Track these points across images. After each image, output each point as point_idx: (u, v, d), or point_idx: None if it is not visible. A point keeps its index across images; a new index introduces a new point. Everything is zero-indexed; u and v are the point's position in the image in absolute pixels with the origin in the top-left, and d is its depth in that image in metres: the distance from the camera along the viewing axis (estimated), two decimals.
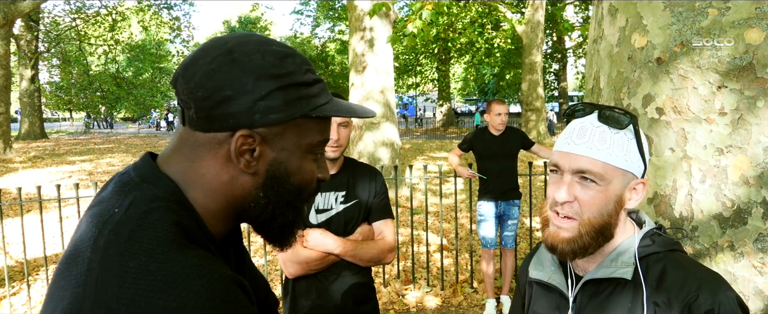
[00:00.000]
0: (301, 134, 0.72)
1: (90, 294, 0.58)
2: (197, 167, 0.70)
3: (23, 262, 4.70)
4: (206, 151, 0.70)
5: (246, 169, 0.70)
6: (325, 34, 35.12)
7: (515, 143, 4.12)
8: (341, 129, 1.82)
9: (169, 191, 0.68)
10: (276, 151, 0.71)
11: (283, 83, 0.69)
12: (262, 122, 0.69)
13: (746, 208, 1.40)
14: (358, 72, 8.66)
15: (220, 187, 0.71)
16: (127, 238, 0.61)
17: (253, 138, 0.69)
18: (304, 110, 0.71)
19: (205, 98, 0.67)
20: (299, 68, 0.72)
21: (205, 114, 0.68)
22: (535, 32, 16.66)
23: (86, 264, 0.61)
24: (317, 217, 1.84)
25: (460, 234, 6.38)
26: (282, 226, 0.77)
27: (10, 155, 15.36)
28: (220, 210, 0.72)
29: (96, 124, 38.83)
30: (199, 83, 0.67)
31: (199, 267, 0.60)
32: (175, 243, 0.62)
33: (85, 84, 22.32)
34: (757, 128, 1.38)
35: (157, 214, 0.64)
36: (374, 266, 1.99)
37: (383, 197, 1.96)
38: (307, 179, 0.76)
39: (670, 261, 0.95)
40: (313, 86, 0.73)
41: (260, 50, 0.70)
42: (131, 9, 24.85)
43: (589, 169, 0.92)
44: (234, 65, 0.68)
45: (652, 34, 1.56)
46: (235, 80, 0.67)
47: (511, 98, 33.69)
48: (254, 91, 0.68)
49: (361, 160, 8.48)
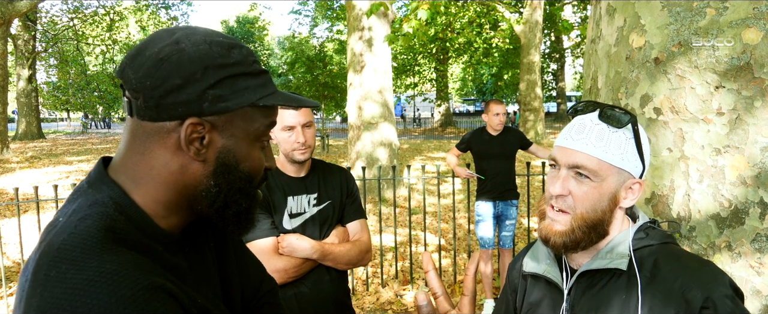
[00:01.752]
0: (248, 121, 0.74)
1: (22, 304, 0.61)
2: (147, 159, 0.71)
3: (20, 263, 4.69)
4: (155, 141, 0.71)
5: (196, 156, 0.71)
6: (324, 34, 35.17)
7: (513, 143, 4.12)
8: (306, 130, 1.78)
9: (110, 195, 0.69)
10: (225, 138, 0.73)
11: (231, 72, 0.71)
12: (211, 110, 0.70)
13: (744, 208, 1.40)
14: (357, 72, 8.65)
15: (169, 177, 0.72)
16: (58, 246, 0.62)
17: (203, 126, 0.70)
18: (251, 99, 0.73)
19: (154, 87, 0.68)
20: (246, 59, 0.74)
21: (154, 103, 0.68)
22: (533, 32, 16.67)
23: (26, 274, 0.63)
24: (291, 222, 1.80)
25: (458, 234, 6.38)
26: (237, 214, 0.77)
27: (7, 156, 15.32)
28: (172, 201, 0.73)
29: (93, 124, 38.77)
30: (148, 73, 0.68)
31: (112, 273, 0.59)
32: (97, 249, 0.62)
33: (82, 84, 22.25)
34: (754, 128, 1.38)
35: (90, 220, 0.65)
36: (352, 268, 1.97)
37: (355, 197, 1.95)
38: (255, 166, 0.77)
39: (663, 253, 0.96)
40: (259, 76, 0.75)
41: (207, 41, 0.71)
42: (129, 9, 24.81)
43: (584, 164, 0.94)
44: (182, 55, 0.69)
45: (650, 34, 1.56)
46: (183, 69, 0.68)
47: (509, 98, 33.72)
48: (203, 79, 0.69)
49: (359, 160, 8.50)
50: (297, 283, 1.78)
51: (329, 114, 25.97)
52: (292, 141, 1.76)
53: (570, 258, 1.05)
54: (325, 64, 22.00)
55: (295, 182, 1.84)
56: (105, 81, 22.26)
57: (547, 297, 1.07)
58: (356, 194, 1.96)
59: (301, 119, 1.77)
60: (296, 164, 1.83)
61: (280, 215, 1.79)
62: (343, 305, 1.90)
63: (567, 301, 1.02)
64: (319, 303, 1.81)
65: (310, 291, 1.80)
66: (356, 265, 1.86)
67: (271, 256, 1.72)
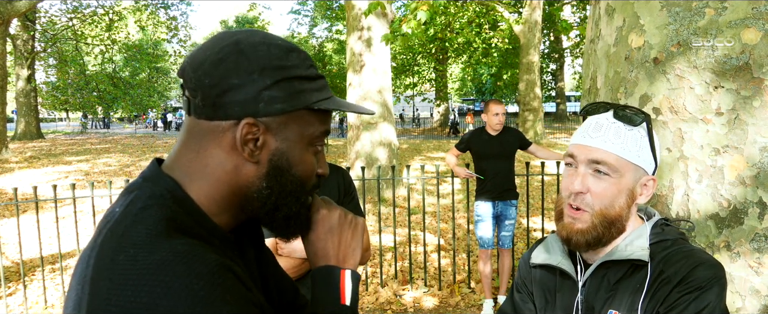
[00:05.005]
0: (303, 125, 0.74)
1: (87, 289, 0.61)
2: (201, 157, 0.72)
3: (19, 263, 4.68)
4: (211, 140, 0.72)
5: (249, 157, 0.72)
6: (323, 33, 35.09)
7: (512, 143, 4.12)
8: None
9: (167, 189, 0.70)
10: (279, 141, 0.73)
11: (287, 74, 0.72)
12: (266, 111, 0.71)
13: (743, 208, 1.40)
14: (356, 72, 8.65)
15: (223, 176, 0.73)
16: (121, 234, 0.64)
17: (258, 127, 0.71)
18: (307, 102, 0.73)
19: (212, 86, 0.69)
20: (303, 63, 0.74)
21: (211, 102, 0.70)
22: (532, 32, 16.68)
23: (86, 261, 0.64)
24: None
25: (458, 234, 6.38)
26: (286, 217, 0.77)
27: (7, 156, 15.30)
28: (224, 199, 0.74)
29: (93, 124, 38.73)
30: (207, 72, 0.70)
31: (184, 254, 0.61)
32: (164, 235, 0.63)
33: (81, 84, 22.19)
34: (753, 128, 1.38)
35: (152, 210, 0.66)
36: None
37: (353, 196, 1.94)
38: (308, 170, 0.77)
39: (677, 248, 0.98)
40: (315, 80, 0.76)
41: (266, 43, 0.72)
42: (128, 9, 24.75)
43: (604, 160, 0.97)
44: (241, 56, 0.70)
45: (649, 34, 1.56)
46: (241, 70, 0.70)
47: (509, 98, 33.72)
48: (260, 80, 0.70)
49: (358, 160, 8.49)
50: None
51: None
52: None
53: (584, 253, 1.07)
54: (324, 64, 22.01)
55: None
56: (104, 81, 22.22)
57: (562, 289, 1.09)
58: (354, 193, 1.96)
59: None
60: None
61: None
62: None
63: (582, 293, 1.04)
64: None
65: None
66: None
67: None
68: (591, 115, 1.04)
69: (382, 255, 5.31)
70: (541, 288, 1.14)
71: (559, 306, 1.08)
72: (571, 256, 1.09)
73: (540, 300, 1.14)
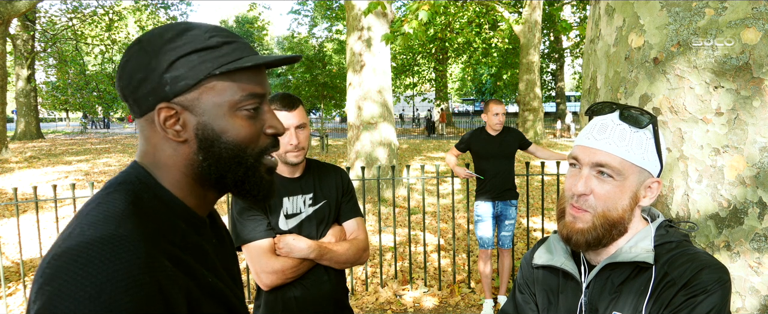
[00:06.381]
0: (217, 94, 0.76)
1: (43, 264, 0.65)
2: (151, 149, 0.78)
3: (19, 263, 4.68)
4: (151, 133, 0.77)
5: (177, 138, 0.76)
6: (323, 33, 35.13)
7: (512, 143, 4.12)
8: (299, 132, 1.76)
9: (137, 176, 0.77)
10: (198, 115, 0.76)
11: (181, 51, 0.74)
12: (174, 92, 0.74)
13: (742, 208, 1.40)
14: (356, 72, 8.65)
15: (169, 160, 0.78)
16: (86, 213, 0.69)
17: (173, 108, 0.75)
18: (208, 70, 0.75)
19: (126, 87, 0.76)
20: (199, 37, 0.75)
21: (133, 100, 0.76)
22: (532, 32, 16.68)
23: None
24: (287, 222, 1.79)
25: (458, 234, 6.38)
26: (236, 183, 0.80)
27: (6, 156, 15.30)
28: (183, 181, 0.79)
29: (92, 124, 38.73)
30: (121, 76, 0.77)
31: (119, 238, 0.63)
32: (117, 217, 0.67)
33: (81, 84, 22.19)
34: (753, 127, 1.38)
35: (118, 194, 0.72)
36: (350, 267, 1.96)
37: (351, 195, 1.94)
38: (241, 135, 0.78)
39: (682, 251, 0.98)
40: (218, 48, 0.76)
41: (160, 33, 0.76)
42: (128, 9, 24.77)
43: (608, 162, 0.96)
44: (140, 51, 0.75)
45: (649, 34, 1.56)
46: (142, 63, 0.74)
47: (509, 98, 33.73)
48: (157, 66, 0.74)
49: (358, 160, 8.50)
50: (295, 283, 1.78)
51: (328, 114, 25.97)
52: (285, 143, 1.74)
53: (587, 255, 1.06)
54: (324, 64, 22.01)
55: (290, 182, 1.83)
56: (104, 81, 22.21)
57: (565, 290, 1.08)
58: (352, 192, 1.96)
59: (294, 121, 1.75)
60: (290, 166, 1.82)
61: (276, 216, 1.79)
62: (341, 304, 1.90)
63: (585, 294, 1.03)
64: (317, 303, 1.80)
65: (308, 291, 1.79)
66: (354, 264, 1.85)
67: (269, 257, 1.72)
68: (597, 115, 1.03)
69: (382, 255, 5.31)
70: (544, 288, 1.13)
71: (563, 307, 1.08)
72: (575, 257, 1.09)
73: (543, 301, 1.13)
